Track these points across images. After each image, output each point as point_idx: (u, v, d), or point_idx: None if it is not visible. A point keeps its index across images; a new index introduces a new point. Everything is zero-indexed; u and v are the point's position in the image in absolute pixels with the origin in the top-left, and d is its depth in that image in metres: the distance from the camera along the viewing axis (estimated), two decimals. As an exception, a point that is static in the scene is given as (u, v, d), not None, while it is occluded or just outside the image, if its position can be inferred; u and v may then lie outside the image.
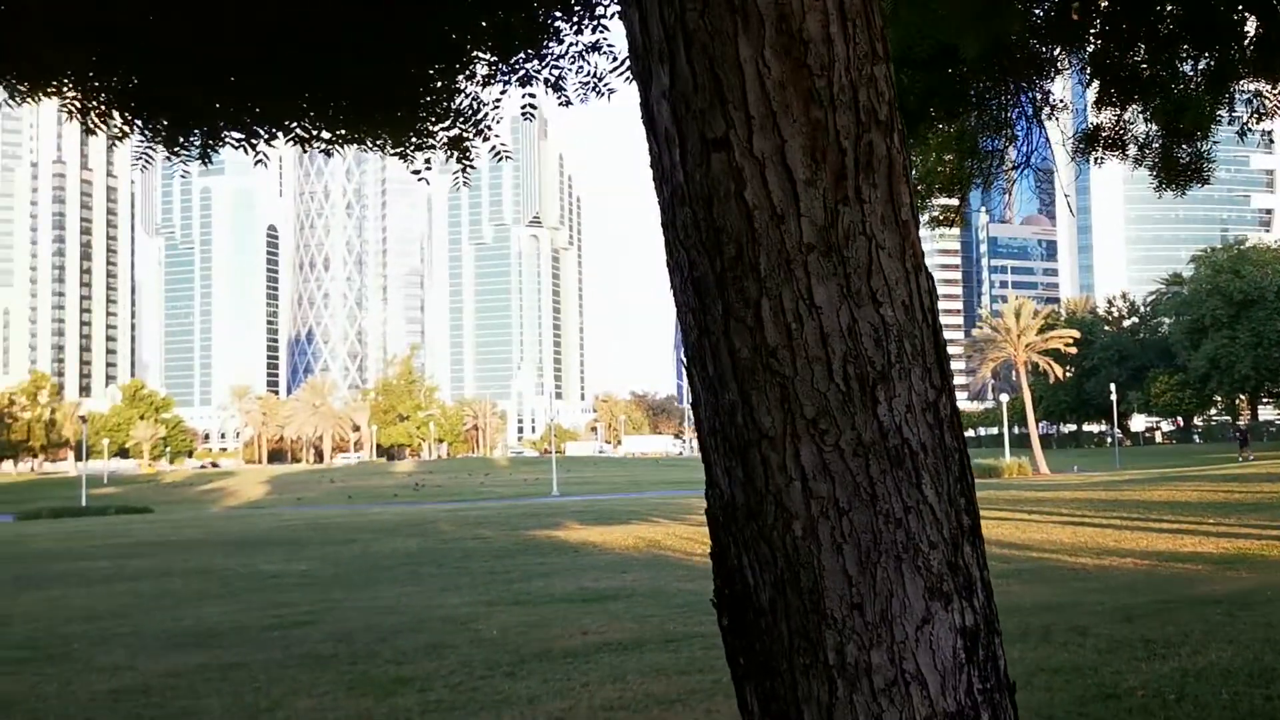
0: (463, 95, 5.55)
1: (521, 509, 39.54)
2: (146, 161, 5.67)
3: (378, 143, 5.68)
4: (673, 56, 2.15)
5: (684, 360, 2.39)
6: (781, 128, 2.10)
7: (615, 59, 5.50)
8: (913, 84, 6.60)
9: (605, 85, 5.65)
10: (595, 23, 5.32)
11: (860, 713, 2.12)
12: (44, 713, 7.84)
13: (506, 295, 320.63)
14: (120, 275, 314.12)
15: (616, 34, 5.22)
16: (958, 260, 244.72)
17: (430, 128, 5.57)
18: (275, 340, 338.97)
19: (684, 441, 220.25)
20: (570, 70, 5.57)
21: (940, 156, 8.69)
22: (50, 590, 16.61)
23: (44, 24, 4.13)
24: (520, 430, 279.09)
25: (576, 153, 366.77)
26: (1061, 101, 8.19)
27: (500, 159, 5.99)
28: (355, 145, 5.69)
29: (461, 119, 5.59)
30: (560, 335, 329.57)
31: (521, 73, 5.52)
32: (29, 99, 5.17)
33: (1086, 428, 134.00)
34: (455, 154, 5.78)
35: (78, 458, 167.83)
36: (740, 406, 2.16)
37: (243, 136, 5.26)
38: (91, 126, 5.12)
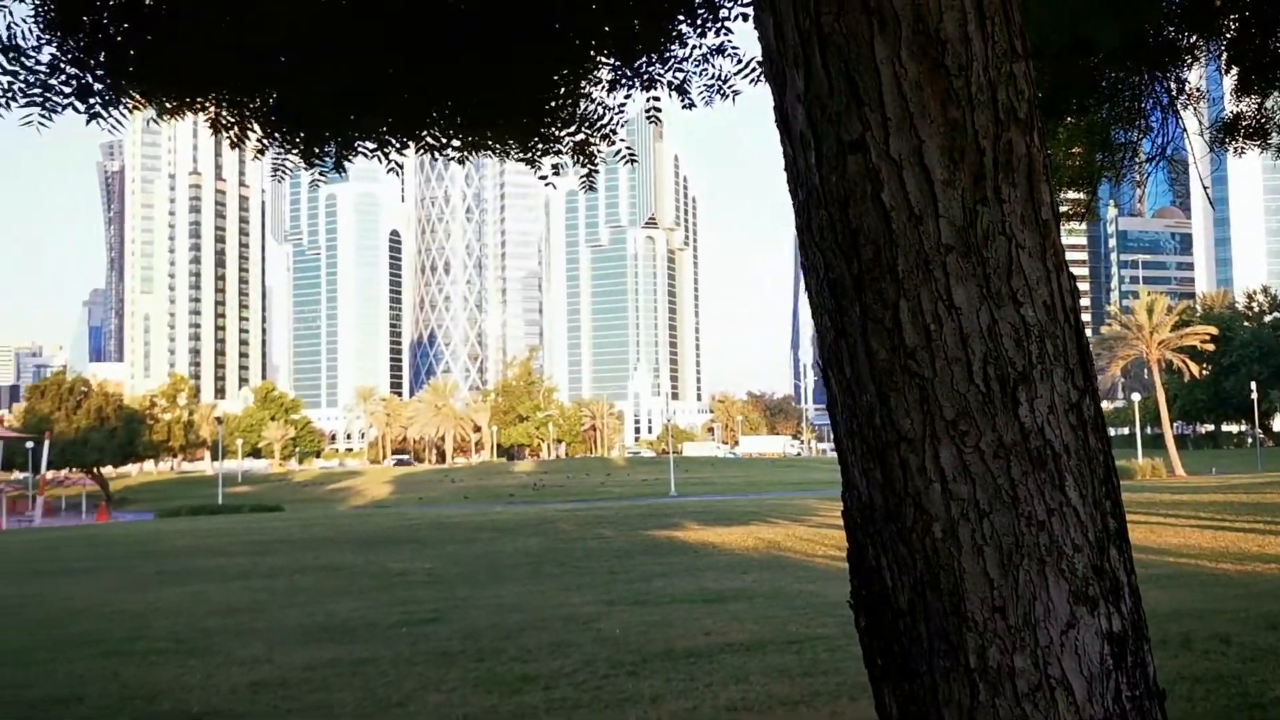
0: (587, 100, 5.63)
1: (640, 509, 39.75)
2: (284, 173, 5.89)
3: (505, 149, 5.80)
4: (808, 60, 2.16)
5: (819, 362, 2.39)
6: (919, 128, 2.09)
7: (740, 61, 5.50)
8: (1042, 77, 6.44)
9: (730, 87, 5.65)
10: (719, 25, 5.33)
11: (1003, 717, 2.09)
12: (189, 703, 8.19)
13: (623, 296, 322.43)
14: (252, 281, 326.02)
15: (740, 36, 5.24)
16: (1084, 255, 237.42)
17: (556, 133, 5.65)
18: (398, 343, 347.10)
19: (802, 442, 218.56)
20: (694, 73, 5.60)
21: (1068, 150, 8.47)
22: (191, 585, 17.31)
23: (194, 45, 4.34)
24: (637, 431, 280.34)
25: (693, 153, 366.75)
26: (1198, 90, 7.89)
27: (626, 162, 6.05)
28: (483, 152, 5.81)
29: (586, 124, 5.66)
30: (676, 336, 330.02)
31: (645, 76, 5.57)
32: (175, 116, 5.42)
33: (1225, 428, 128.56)
34: (580, 159, 5.86)
35: (214, 457, 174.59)
36: (878, 408, 2.16)
37: (375, 146, 5.44)
38: (234, 141, 5.35)
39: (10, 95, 4.41)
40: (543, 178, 5.94)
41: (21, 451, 74.90)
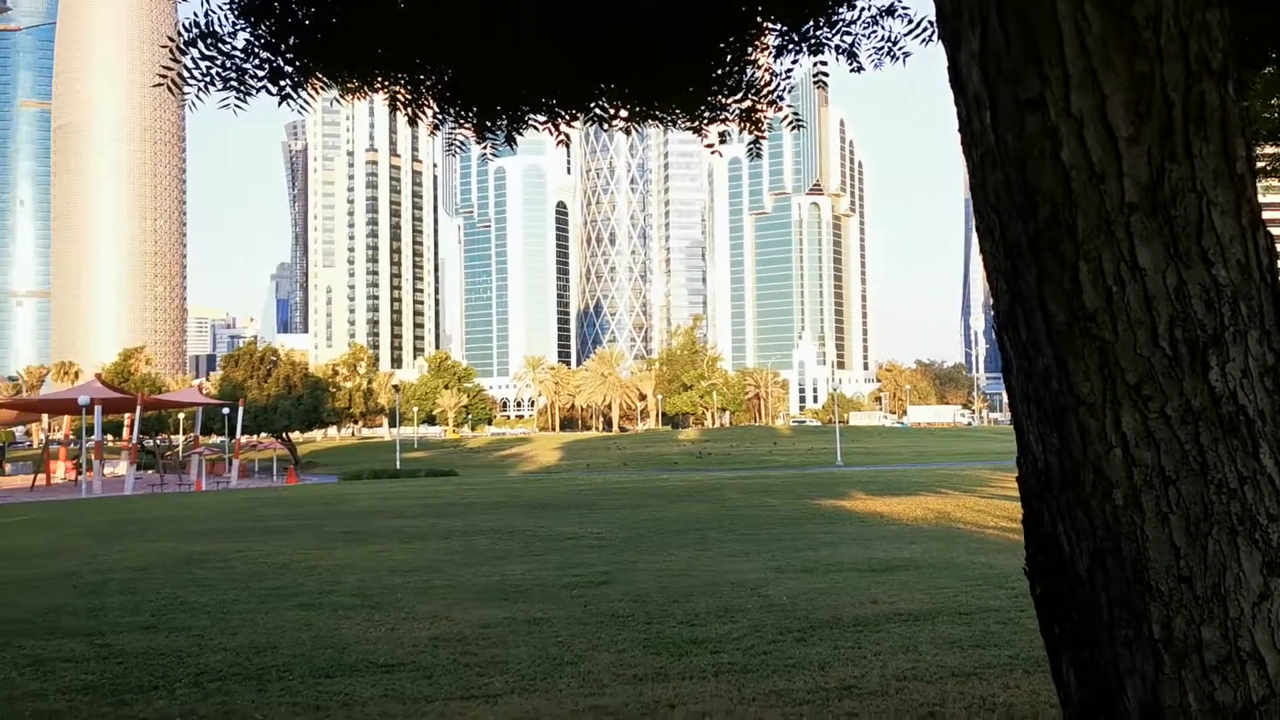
0: (754, 67, 5.61)
1: (806, 478, 39.53)
2: (457, 148, 6.08)
3: (671, 118, 5.84)
4: (984, 17, 2.11)
5: (993, 328, 2.35)
6: (1102, 84, 2.02)
7: (911, 21, 5.37)
8: (1238, 25, 6.08)
9: (900, 49, 5.53)
10: (889, -16, 5.24)
11: (1189, 690, 2.04)
12: (375, 654, 8.61)
13: (787, 264, 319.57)
14: (425, 254, 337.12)
15: (911, -4, 5.12)
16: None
17: (722, 101, 5.66)
18: (566, 313, 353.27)
19: (973, 412, 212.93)
20: (863, 36, 5.50)
21: (1266, 101, 7.98)
22: (374, 544, 18.11)
23: (375, 27, 4.52)
24: (802, 399, 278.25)
25: (860, 116, 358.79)
26: None
27: (793, 128, 6.02)
28: (650, 122, 5.87)
29: (753, 91, 5.65)
30: (842, 304, 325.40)
31: (812, 41, 5.50)
32: (357, 95, 5.67)
33: None
34: (747, 126, 5.85)
35: (391, 424, 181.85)
36: (1056, 372, 2.12)
37: (545, 119, 5.57)
38: (411, 118, 5.56)
39: (209, 80, 4.71)
40: (709, 146, 5.97)
41: (219, 417, 79.58)
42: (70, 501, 42.24)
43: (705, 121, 5.81)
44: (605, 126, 5.84)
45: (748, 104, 5.73)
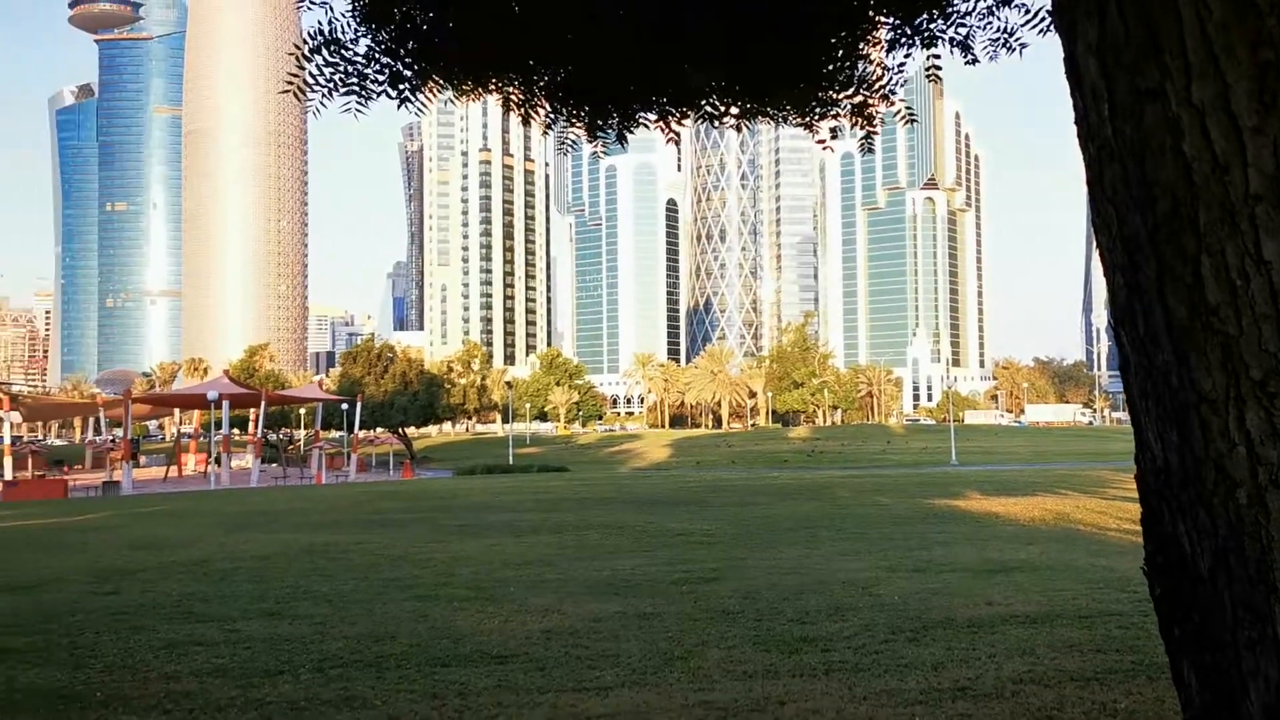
0: (865, 61, 5.56)
1: (919, 477, 38.93)
2: (569, 147, 6.17)
3: (782, 114, 5.82)
4: (1102, 9, 2.08)
5: (1111, 321, 2.31)
6: (1225, 73, 1.98)
7: (1028, 11, 5.25)
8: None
9: (1016, 40, 5.41)
10: (1006, -25, 5.13)
11: (1316, 694, 1.98)
12: (489, 645, 8.78)
13: (901, 260, 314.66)
14: (537, 252, 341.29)
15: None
16: None
17: (833, 96, 5.63)
18: (675, 310, 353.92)
19: (1094, 411, 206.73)
20: (978, 27, 5.40)
21: None
22: (488, 538, 18.44)
23: (490, 30, 4.63)
24: (915, 397, 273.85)
25: (976, 109, 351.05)
26: None
27: (906, 123, 5.94)
28: (761, 119, 5.87)
29: (864, 85, 5.61)
30: (957, 300, 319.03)
31: (926, 34, 5.43)
32: (471, 96, 5.80)
33: None
34: (859, 121, 5.81)
35: (504, 420, 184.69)
36: (1176, 368, 2.08)
37: (656, 117, 5.62)
38: (525, 117, 5.66)
39: (332, 85, 4.88)
40: (820, 142, 5.93)
41: (338, 412, 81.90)
42: (200, 493, 43.95)
43: (816, 117, 5.78)
44: (716, 124, 5.86)
45: (859, 99, 5.69)
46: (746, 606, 10.38)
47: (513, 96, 5.47)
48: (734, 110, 5.67)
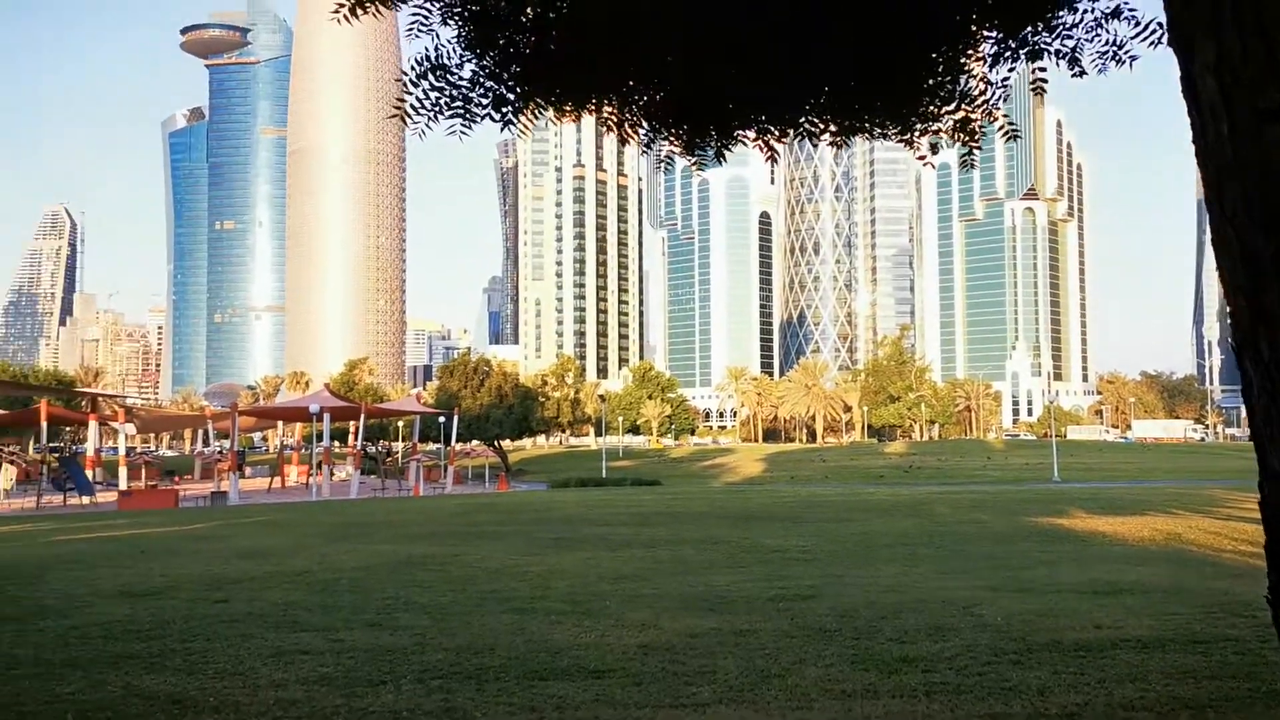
0: (968, 76, 5.49)
1: (1020, 494, 38.10)
2: (667, 164, 6.21)
3: (882, 131, 5.78)
4: (1218, 25, 2.04)
5: (1231, 342, 2.25)
6: (1350, 91, 1.92)
7: (1138, 23, 5.11)
8: None
9: (1126, 53, 5.27)
10: (1114, -14, 5.01)
11: None
12: (586, 660, 8.84)
13: (1000, 272, 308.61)
14: (630, 266, 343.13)
15: (1138, -3, 4.89)
16: None
17: (934, 112, 5.57)
18: (768, 323, 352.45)
19: (1206, 427, 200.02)
20: (1085, 40, 5.29)
21: None
22: (583, 551, 18.54)
23: (591, 53, 4.70)
24: (1015, 412, 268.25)
25: (1079, 118, 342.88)
26: None
27: (1009, 139, 5.84)
28: (861, 135, 5.83)
29: (966, 100, 5.53)
30: (1059, 312, 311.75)
31: (1030, 47, 5.33)
32: (570, 116, 5.88)
33: None
34: (960, 137, 5.73)
35: (597, 433, 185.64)
36: (1302, 394, 2.01)
37: (755, 135, 5.63)
38: (625, 136, 5.72)
39: (438, 109, 5.01)
40: (921, 157, 5.87)
41: (435, 425, 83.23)
42: (302, 503, 45.02)
43: (916, 133, 5.72)
44: (815, 142, 5.85)
45: (961, 114, 5.61)
46: (844, 625, 10.27)
47: (611, 117, 5.54)
48: (832, 127, 5.64)
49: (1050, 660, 8.36)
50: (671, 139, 5.71)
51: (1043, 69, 5.42)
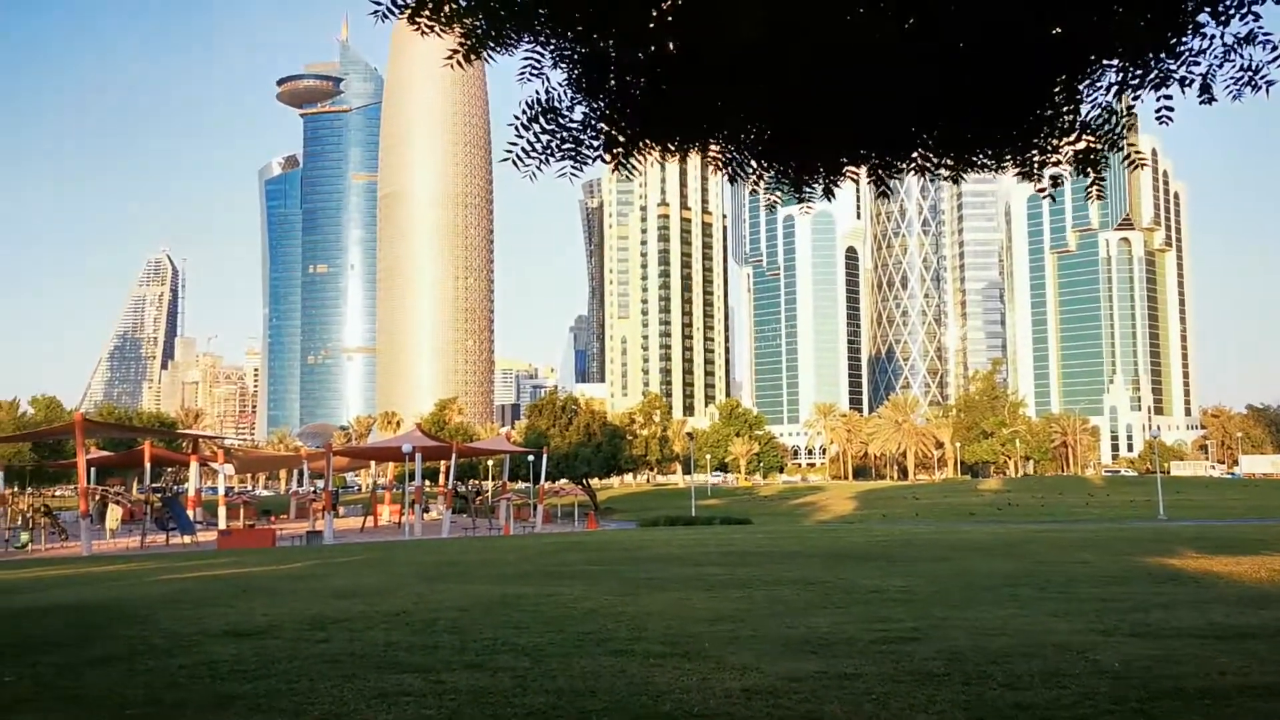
0: (1090, 105, 5.33)
1: (1124, 532, 36.95)
2: (777, 202, 6.15)
3: (999, 163, 5.64)
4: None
5: None
6: None
7: (1275, 48, 4.89)
8: None
9: (1262, 78, 5.04)
10: (1246, 11, 4.81)
11: None
12: (689, 704, 8.71)
13: (1095, 304, 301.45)
14: (715, 303, 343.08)
15: (1272, 20, 4.69)
16: None
17: (1054, 143, 5.41)
18: (856, 359, 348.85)
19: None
20: (1215, 65, 5.08)
21: None
22: (677, 591, 18.38)
23: (699, 93, 4.68)
24: (1115, 448, 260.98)
25: (1174, 143, 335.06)
26: None
27: (1135, 168, 5.65)
28: (976, 170, 5.70)
29: (1088, 130, 5.37)
30: (1158, 344, 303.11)
31: (1155, 75, 5.15)
32: (676, 156, 5.86)
33: None
34: (1083, 168, 5.55)
35: (685, 471, 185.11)
36: None
37: (867, 173, 5.54)
38: (733, 175, 5.68)
39: (549, 152, 5.02)
40: (1040, 190, 5.70)
41: (524, 464, 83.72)
42: (395, 543, 45.56)
43: (1036, 165, 5.56)
44: (929, 177, 5.74)
45: (1083, 145, 5.45)
46: (952, 669, 9.98)
47: (719, 156, 5.51)
48: (948, 161, 5.52)
49: (1174, 709, 8.02)
50: (780, 177, 5.65)
51: (1169, 97, 5.22)
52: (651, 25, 4.44)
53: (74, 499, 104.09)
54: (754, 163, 5.59)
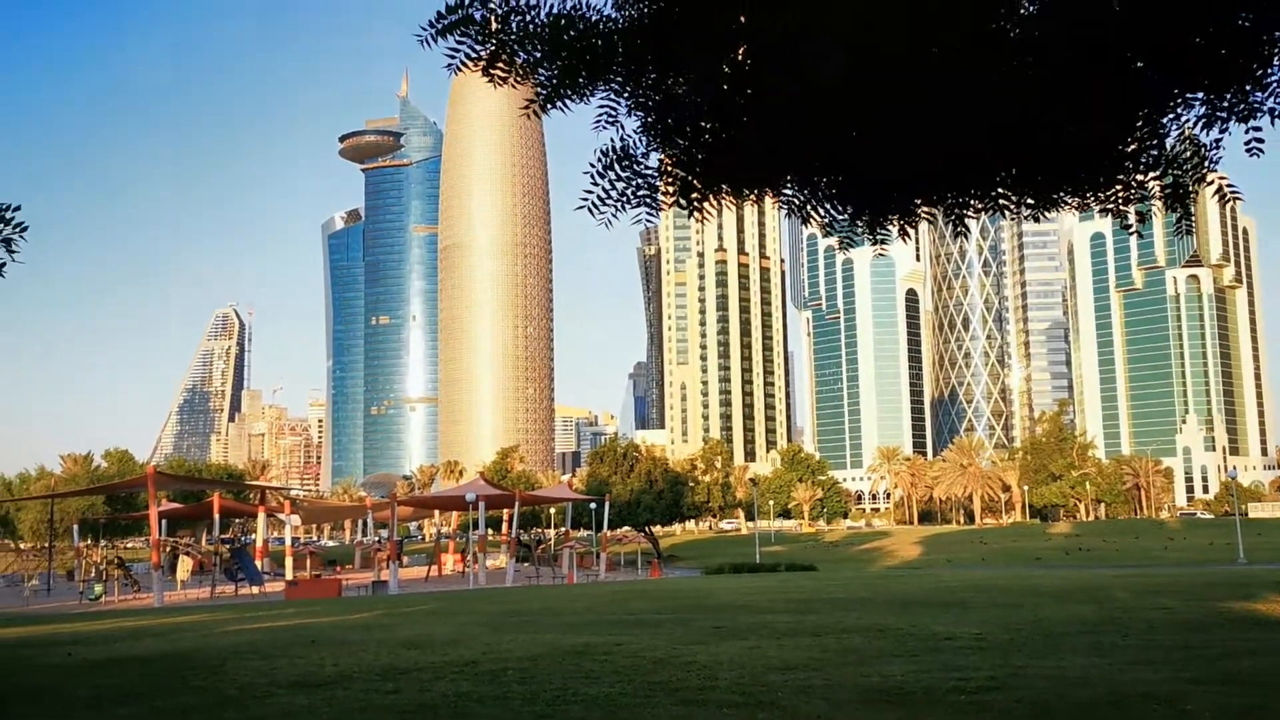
0: (1175, 139, 5.21)
1: (1204, 576, 35.91)
2: (849, 243, 6.10)
3: (1081, 201, 5.53)
4: None
5: None
6: None
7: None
8: None
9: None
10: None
11: None
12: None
13: (1164, 343, 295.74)
14: (775, 347, 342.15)
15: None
16: None
17: (1139, 178, 5.29)
18: (919, 401, 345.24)
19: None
20: (1309, 94, 4.95)
21: None
22: (746, 640, 18.13)
23: (784, 138, 4.65)
24: (1189, 489, 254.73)
25: (1243, 176, 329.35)
26: None
27: (1226, 202, 5.50)
28: (1057, 207, 5.59)
29: (1175, 165, 5.24)
30: (1231, 383, 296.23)
31: (1243, 107, 5.02)
32: (751, 200, 5.84)
33: None
34: (1172, 203, 5.41)
35: (748, 517, 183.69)
36: None
37: (943, 213, 5.47)
38: (807, 218, 5.64)
39: (624, 199, 5.02)
40: (1126, 227, 5.55)
41: (585, 511, 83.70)
42: (460, 592, 45.63)
43: (1120, 201, 5.44)
44: (1007, 215, 5.64)
45: (1169, 179, 5.31)
46: (1038, 720, 9.70)
47: (793, 200, 5.47)
48: (1029, 200, 5.42)
49: (1276, 762, 7.70)
50: (855, 220, 5.60)
51: (1258, 128, 5.08)
52: (727, 70, 4.44)
53: (145, 550, 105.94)
54: (826, 206, 5.54)
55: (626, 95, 4.78)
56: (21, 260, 7.61)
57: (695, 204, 5.15)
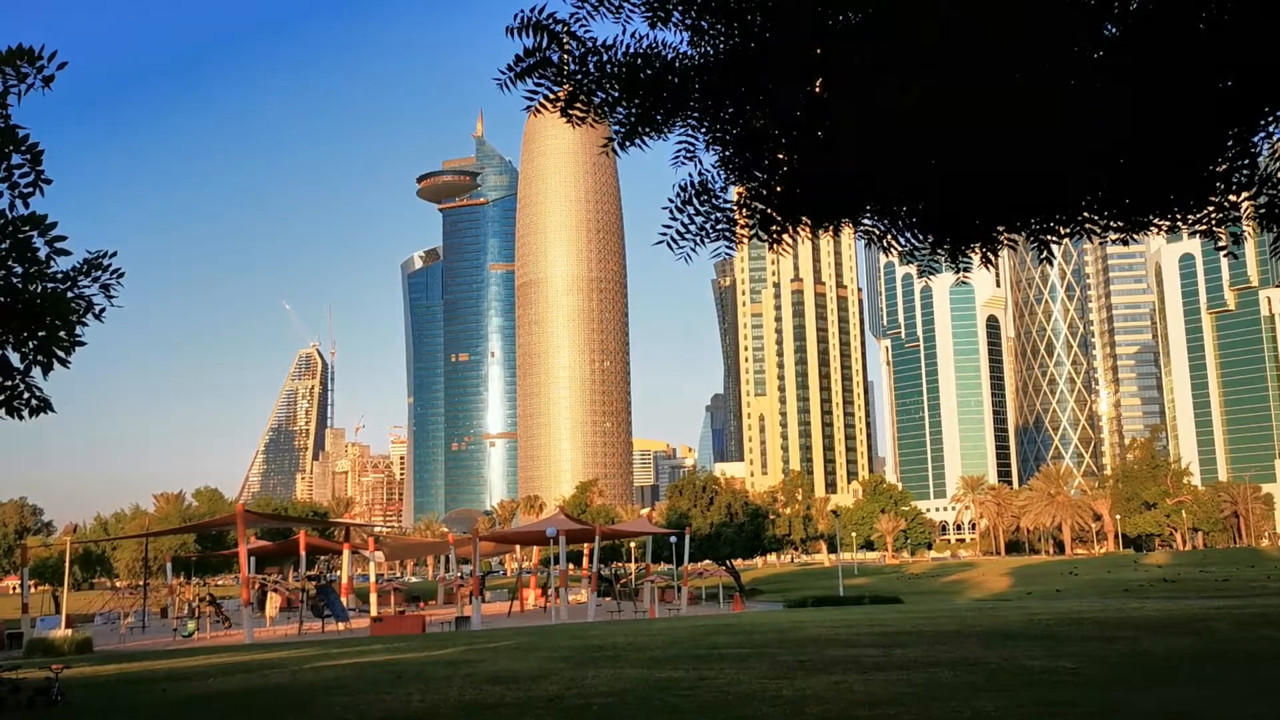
0: (1266, 157, 5.06)
1: (1309, 607, 34.55)
2: (929, 271, 6.03)
3: (1172, 222, 5.39)
4: None
5: None
6: None
7: None
8: None
9: None
10: None
11: None
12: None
13: (1259, 365, 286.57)
14: (854, 377, 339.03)
15: None
16: None
17: (1232, 199, 5.15)
18: (1003, 429, 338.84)
19: None
20: None
21: None
22: (831, 674, 17.85)
23: (866, 168, 4.62)
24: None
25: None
26: None
27: (1332, 221, 5.33)
28: (1146, 230, 5.46)
29: (1269, 184, 5.09)
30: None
31: (1343, 121, 4.88)
32: (832, 233, 5.81)
33: None
34: (1270, 224, 5.24)
35: (830, 549, 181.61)
36: None
37: (1027, 237, 5.38)
38: (887, 248, 5.59)
39: (704, 233, 5.03)
40: (1220, 248, 5.40)
41: (665, 545, 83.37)
42: (542, 627, 45.66)
43: (1214, 223, 5.28)
44: (1093, 239, 5.54)
45: (1264, 199, 5.16)
46: (1140, 758, 9.38)
47: (873, 230, 5.43)
48: (1116, 223, 5.30)
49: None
50: (936, 248, 5.53)
51: (1358, 143, 4.93)
52: (805, 101, 4.44)
53: (234, 588, 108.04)
54: (906, 235, 5.49)
55: (704, 130, 4.79)
56: (120, 304, 7.85)
57: (775, 235, 5.14)
